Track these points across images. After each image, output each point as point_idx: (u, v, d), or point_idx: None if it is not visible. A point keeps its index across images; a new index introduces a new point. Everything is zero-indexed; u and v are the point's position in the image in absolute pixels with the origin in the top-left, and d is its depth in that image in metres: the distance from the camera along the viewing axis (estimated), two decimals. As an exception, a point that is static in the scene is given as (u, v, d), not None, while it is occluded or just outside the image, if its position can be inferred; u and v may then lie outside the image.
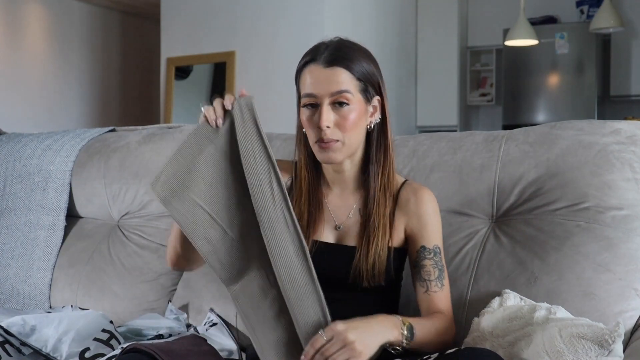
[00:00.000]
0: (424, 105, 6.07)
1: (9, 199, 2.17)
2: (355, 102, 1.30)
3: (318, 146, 1.31)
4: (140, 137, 2.12)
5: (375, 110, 1.35)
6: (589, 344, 1.14)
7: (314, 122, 1.30)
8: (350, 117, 1.29)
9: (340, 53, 1.30)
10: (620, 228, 1.40)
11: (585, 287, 1.35)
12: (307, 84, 1.31)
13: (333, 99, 1.28)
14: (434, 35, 6.00)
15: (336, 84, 1.28)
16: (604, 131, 1.50)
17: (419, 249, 1.35)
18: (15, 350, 1.56)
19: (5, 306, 2.06)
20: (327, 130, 1.28)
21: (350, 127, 1.29)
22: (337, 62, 1.29)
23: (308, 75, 1.31)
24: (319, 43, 1.34)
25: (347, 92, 1.28)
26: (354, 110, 1.30)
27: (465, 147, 1.62)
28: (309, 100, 1.30)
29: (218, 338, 1.62)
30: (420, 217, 1.36)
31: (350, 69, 1.29)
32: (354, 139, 1.32)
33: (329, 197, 1.40)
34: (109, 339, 1.58)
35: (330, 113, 1.29)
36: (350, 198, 1.38)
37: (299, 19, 4.59)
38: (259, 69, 4.74)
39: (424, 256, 1.34)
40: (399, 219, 1.36)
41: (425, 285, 1.33)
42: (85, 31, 6.39)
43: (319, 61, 1.30)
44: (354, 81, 1.30)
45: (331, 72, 1.28)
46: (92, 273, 1.98)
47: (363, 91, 1.32)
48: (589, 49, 5.60)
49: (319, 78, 1.29)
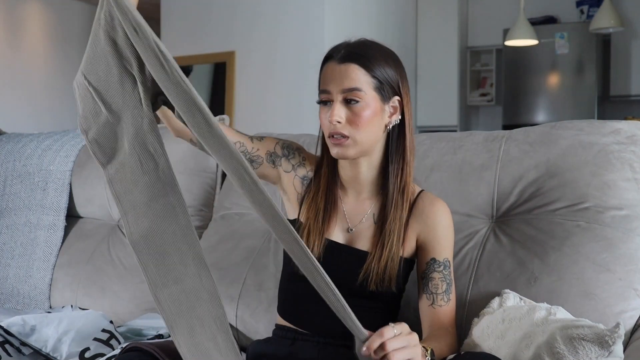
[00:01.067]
0: (424, 105, 6.08)
1: (9, 199, 2.17)
2: (369, 100, 1.29)
3: (330, 141, 1.31)
4: (140, 137, 2.12)
5: (395, 110, 1.34)
6: (589, 345, 1.14)
7: (327, 118, 1.31)
8: (362, 114, 1.28)
9: (357, 50, 1.30)
10: (620, 228, 1.40)
11: (585, 287, 1.35)
12: (322, 80, 1.32)
13: (344, 95, 1.28)
14: (434, 35, 6.00)
15: (348, 81, 1.28)
16: (604, 131, 1.50)
17: (429, 260, 1.34)
18: (15, 350, 1.56)
19: (5, 306, 2.06)
20: (338, 125, 1.28)
21: (361, 124, 1.29)
22: (351, 59, 1.29)
23: (323, 73, 1.32)
24: (340, 43, 1.35)
25: (357, 90, 1.28)
26: (366, 107, 1.29)
27: (465, 147, 1.62)
28: (323, 97, 1.31)
29: (218, 338, 1.62)
30: (434, 229, 1.35)
31: (364, 66, 1.29)
32: (365, 136, 1.31)
33: (345, 200, 1.40)
34: (109, 339, 1.58)
35: (341, 109, 1.29)
36: (365, 203, 1.38)
37: (299, 19, 4.59)
38: (259, 69, 4.74)
39: (433, 269, 1.33)
40: (412, 228, 1.35)
41: (432, 298, 1.32)
42: (85, 31, 6.39)
43: (335, 58, 1.30)
44: (367, 78, 1.29)
45: (344, 68, 1.29)
46: (92, 273, 1.98)
47: (378, 89, 1.30)
48: (589, 49, 5.61)
49: (333, 74, 1.30)
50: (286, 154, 1.43)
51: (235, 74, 4.83)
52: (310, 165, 1.44)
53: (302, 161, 1.44)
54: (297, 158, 1.44)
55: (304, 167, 1.43)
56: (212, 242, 1.85)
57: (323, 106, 1.32)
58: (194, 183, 1.98)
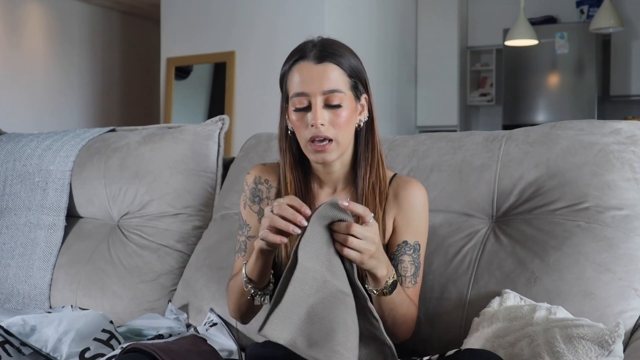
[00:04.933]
0: (424, 105, 6.08)
1: (9, 199, 2.17)
2: (347, 100, 1.29)
3: (311, 147, 1.28)
4: (140, 137, 2.12)
5: (363, 108, 1.34)
6: (589, 344, 1.14)
7: (305, 122, 1.28)
8: (343, 115, 1.28)
9: (330, 49, 1.29)
10: (620, 228, 1.40)
11: (585, 287, 1.35)
12: (297, 82, 1.28)
13: (325, 97, 1.27)
14: (434, 35, 6.00)
15: (328, 81, 1.27)
16: (604, 131, 1.50)
17: (401, 243, 1.34)
18: (15, 350, 1.56)
19: (5, 306, 2.06)
20: (322, 127, 1.27)
21: (343, 125, 1.28)
22: (328, 58, 1.27)
23: (297, 74, 1.29)
24: (304, 42, 1.33)
25: (338, 91, 1.27)
26: (346, 108, 1.29)
27: (465, 147, 1.62)
28: (300, 100, 1.28)
29: (218, 338, 1.62)
30: (406, 211, 1.35)
31: (341, 65, 1.28)
32: (346, 137, 1.31)
33: (321, 197, 1.39)
34: (109, 339, 1.58)
35: (324, 111, 1.27)
36: (341, 196, 1.37)
37: (299, 19, 4.59)
38: (258, 69, 4.74)
39: (404, 251, 1.34)
40: (389, 214, 1.36)
41: (400, 280, 1.33)
42: (85, 31, 6.39)
43: (309, 58, 1.28)
44: (344, 78, 1.29)
45: (322, 68, 1.27)
46: (92, 273, 1.98)
47: (353, 88, 1.31)
48: (589, 49, 5.61)
49: (311, 75, 1.27)
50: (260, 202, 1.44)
51: (235, 74, 4.83)
52: (275, 178, 1.42)
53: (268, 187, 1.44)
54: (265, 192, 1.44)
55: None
56: (212, 242, 1.85)
57: (296, 111, 1.29)
58: (194, 183, 1.98)
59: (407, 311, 1.30)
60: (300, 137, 1.31)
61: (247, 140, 2.02)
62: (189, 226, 1.96)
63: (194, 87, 5.18)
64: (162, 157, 2.02)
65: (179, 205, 1.97)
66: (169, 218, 1.96)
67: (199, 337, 1.41)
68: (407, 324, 1.31)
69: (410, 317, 1.32)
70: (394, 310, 1.26)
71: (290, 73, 1.31)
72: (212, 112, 4.95)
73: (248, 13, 4.77)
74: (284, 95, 1.35)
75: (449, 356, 1.13)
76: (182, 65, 5.12)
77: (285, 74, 1.33)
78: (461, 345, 1.34)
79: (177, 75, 5.13)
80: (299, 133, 1.31)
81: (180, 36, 5.07)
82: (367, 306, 1.17)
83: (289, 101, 1.32)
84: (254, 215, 1.43)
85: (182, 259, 1.93)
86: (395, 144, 1.69)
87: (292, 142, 1.36)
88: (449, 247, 1.52)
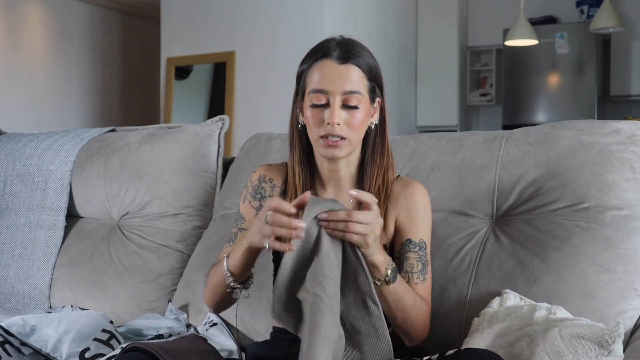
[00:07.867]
0: (424, 105, 6.08)
1: (9, 199, 2.17)
2: (364, 102, 1.30)
3: (324, 141, 1.29)
4: (140, 137, 2.12)
5: (375, 111, 1.36)
6: (589, 344, 1.14)
7: (321, 119, 1.29)
8: (359, 116, 1.29)
9: (354, 51, 1.30)
10: (620, 228, 1.40)
11: (585, 287, 1.35)
12: (318, 79, 1.29)
13: (344, 97, 1.28)
14: (434, 35, 6.00)
15: (349, 82, 1.28)
16: (604, 131, 1.50)
17: (405, 241, 1.34)
18: (15, 350, 1.56)
19: (5, 306, 2.06)
20: (337, 127, 1.28)
21: (358, 126, 1.30)
22: (351, 59, 1.29)
23: (319, 71, 1.29)
24: (327, 39, 1.33)
25: (358, 93, 1.28)
26: (362, 110, 1.30)
27: (465, 147, 1.62)
28: (318, 97, 1.29)
29: (218, 338, 1.62)
30: (409, 211, 1.35)
31: (362, 67, 1.29)
32: (358, 137, 1.32)
33: (324, 195, 1.39)
34: (109, 339, 1.58)
35: (341, 110, 1.28)
36: (344, 197, 1.38)
37: (299, 18, 4.59)
38: (259, 69, 4.74)
39: (408, 249, 1.34)
40: (390, 215, 1.36)
41: (407, 276, 1.32)
42: (85, 31, 6.39)
43: (332, 57, 1.29)
44: (364, 80, 1.30)
45: (345, 68, 1.28)
46: (92, 273, 1.98)
47: (371, 91, 1.32)
48: (589, 49, 5.61)
49: (333, 74, 1.28)
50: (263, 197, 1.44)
51: (235, 74, 4.83)
52: (280, 178, 1.43)
53: (272, 186, 1.44)
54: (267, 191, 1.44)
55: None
56: (212, 242, 1.85)
57: (313, 107, 1.30)
58: (194, 183, 1.98)
59: (415, 304, 1.28)
60: (312, 132, 1.32)
61: (247, 140, 2.02)
62: (189, 226, 1.96)
63: (194, 87, 5.18)
64: (162, 157, 2.02)
65: (179, 205, 1.97)
66: (169, 218, 1.97)
67: (200, 336, 1.41)
68: (418, 320, 1.30)
69: (422, 313, 1.30)
70: (400, 301, 1.25)
71: (311, 69, 1.31)
72: (212, 112, 4.95)
73: (248, 13, 4.76)
74: (300, 90, 1.36)
75: (449, 356, 1.13)
76: (182, 65, 5.12)
77: (305, 70, 1.33)
78: (461, 345, 1.34)
79: (177, 75, 5.13)
80: (312, 129, 1.32)
81: (180, 36, 5.07)
82: (368, 291, 1.17)
83: (306, 97, 1.32)
84: (252, 210, 1.44)
85: (182, 259, 1.93)
86: (395, 144, 1.70)
87: (302, 136, 1.37)
88: (449, 247, 1.52)
